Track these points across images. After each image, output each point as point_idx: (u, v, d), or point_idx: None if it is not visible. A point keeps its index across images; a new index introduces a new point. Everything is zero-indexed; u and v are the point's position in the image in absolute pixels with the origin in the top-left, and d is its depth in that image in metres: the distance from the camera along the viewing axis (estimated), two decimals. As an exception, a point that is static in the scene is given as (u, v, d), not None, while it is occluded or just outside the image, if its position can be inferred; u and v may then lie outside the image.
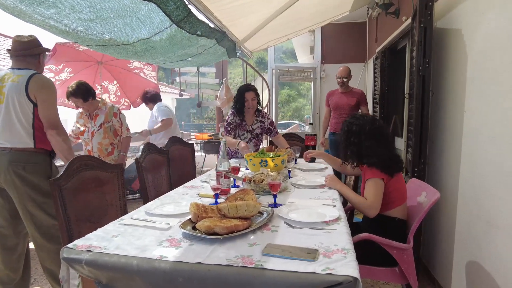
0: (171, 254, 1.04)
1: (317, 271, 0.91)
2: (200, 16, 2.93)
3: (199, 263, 0.98)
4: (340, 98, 4.12)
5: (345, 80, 4.04)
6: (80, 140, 3.26)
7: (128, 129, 3.27)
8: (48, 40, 2.81)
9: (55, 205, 1.52)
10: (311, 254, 1.00)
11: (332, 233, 1.21)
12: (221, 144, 1.88)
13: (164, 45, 2.84)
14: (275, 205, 1.57)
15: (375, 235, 1.71)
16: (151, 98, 4.27)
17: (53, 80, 4.79)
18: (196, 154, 4.05)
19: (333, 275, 0.89)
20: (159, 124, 3.95)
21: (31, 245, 2.18)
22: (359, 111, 4.07)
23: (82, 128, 3.11)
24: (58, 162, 2.33)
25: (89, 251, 1.07)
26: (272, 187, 1.56)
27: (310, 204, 1.61)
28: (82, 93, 3.00)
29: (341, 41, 5.91)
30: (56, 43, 4.24)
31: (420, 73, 2.26)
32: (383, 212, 1.88)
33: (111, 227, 1.31)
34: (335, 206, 1.57)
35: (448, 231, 2.20)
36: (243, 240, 1.14)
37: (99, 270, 1.02)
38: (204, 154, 5.45)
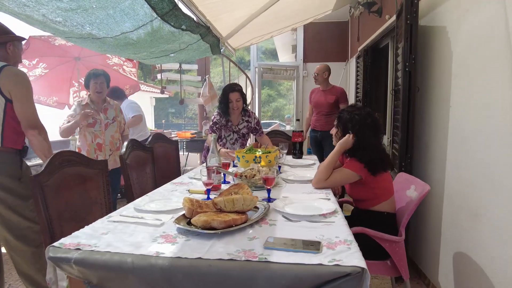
0: (168, 250, 0.99)
1: (324, 263, 0.88)
2: (185, 10, 2.86)
3: (199, 258, 0.93)
4: (320, 96, 4.13)
5: (317, 75, 4.06)
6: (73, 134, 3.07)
7: (127, 127, 3.25)
8: (20, 33, 2.60)
9: (35, 203, 1.43)
10: (314, 246, 0.98)
11: (331, 226, 1.19)
12: (212, 139, 1.82)
13: (147, 39, 2.75)
14: (269, 199, 1.53)
15: (368, 229, 1.71)
16: (117, 96, 4.14)
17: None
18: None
19: (340, 266, 0.86)
20: (130, 120, 3.87)
21: (3, 250, 2.04)
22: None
23: (91, 120, 2.86)
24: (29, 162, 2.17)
25: (78, 249, 0.99)
26: (266, 181, 1.53)
27: (304, 198, 1.59)
28: (109, 79, 2.97)
29: (323, 40, 5.96)
30: (30, 36, 4.04)
31: (407, 69, 2.29)
32: (371, 208, 1.89)
33: (99, 224, 1.23)
34: (329, 199, 1.56)
35: (435, 223, 2.24)
36: (241, 235, 1.10)
37: (90, 270, 0.95)
38: (187, 152, 5.35)
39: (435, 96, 2.27)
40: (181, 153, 5.65)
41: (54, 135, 3.82)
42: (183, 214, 1.25)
